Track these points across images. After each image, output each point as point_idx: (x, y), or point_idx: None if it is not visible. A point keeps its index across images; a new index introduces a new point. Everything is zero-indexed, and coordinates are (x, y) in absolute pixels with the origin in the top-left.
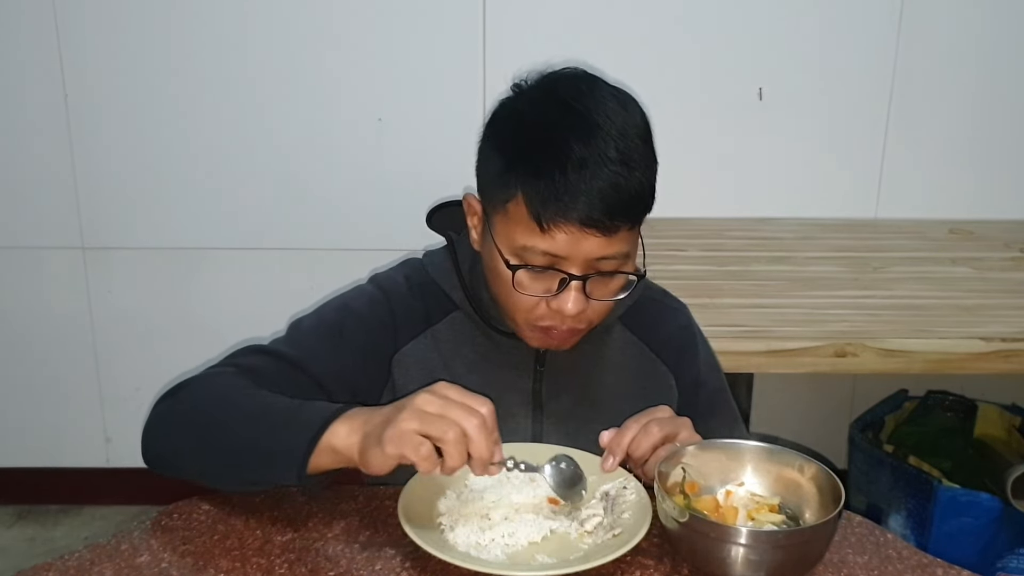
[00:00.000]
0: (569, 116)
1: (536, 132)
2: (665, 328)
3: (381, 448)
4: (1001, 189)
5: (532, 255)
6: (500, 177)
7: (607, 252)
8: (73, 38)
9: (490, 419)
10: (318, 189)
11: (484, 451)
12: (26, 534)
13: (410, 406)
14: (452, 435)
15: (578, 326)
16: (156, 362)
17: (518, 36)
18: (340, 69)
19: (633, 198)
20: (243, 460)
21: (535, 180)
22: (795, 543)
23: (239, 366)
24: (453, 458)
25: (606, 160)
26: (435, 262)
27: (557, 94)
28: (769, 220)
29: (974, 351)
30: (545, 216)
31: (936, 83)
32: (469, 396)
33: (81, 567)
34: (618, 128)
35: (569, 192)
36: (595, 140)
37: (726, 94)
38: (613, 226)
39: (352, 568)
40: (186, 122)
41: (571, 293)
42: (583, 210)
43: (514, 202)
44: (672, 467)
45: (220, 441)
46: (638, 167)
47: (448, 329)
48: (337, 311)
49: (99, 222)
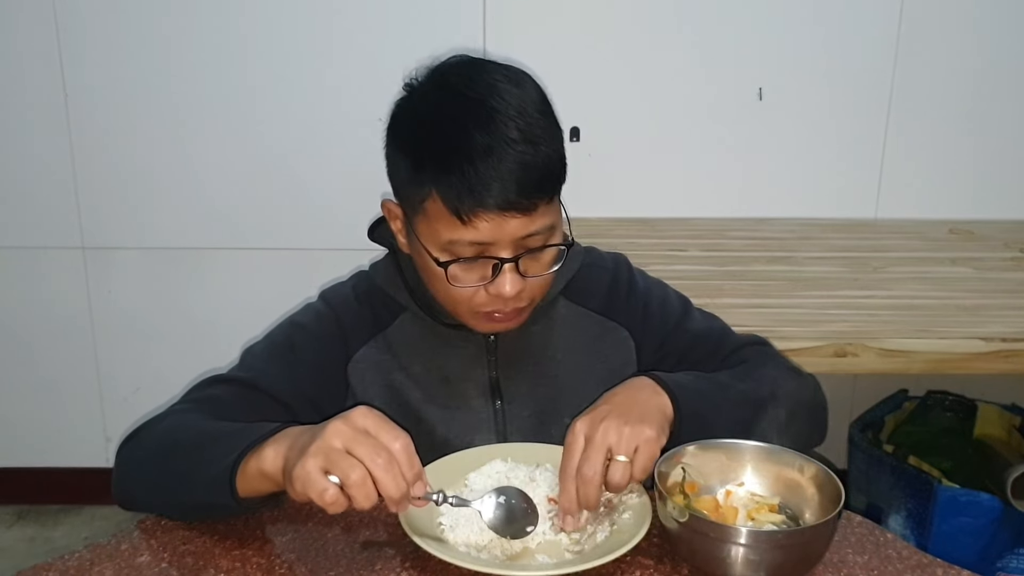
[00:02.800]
0: (465, 106)
1: (437, 128)
2: (602, 287)
3: (292, 487)
4: (1001, 189)
5: (460, 247)
6: (412, 179)
7: (531, 229)
8: (73, 38)
9: (403, 454)
10: (318, 189)
11: (392, 491)
12: (26, 534)
13: (320, 438)
14: (355, 477)
15: (520, 305)
16: (156, 362)
17: (518, 36)
18: (340, 69)
19: (544, 174)
20: (187, 489)
21: (446, 176)
22: (795, 543)
23: (197, 400)
24: (358, 501)
25: (509, 142)
26: (379, 269)
27: (449, 85)
28: (769, 220)
29: (974, 351)
30: (463, 209)
31: (936, 83)
32: (383, 429)
33: (81, 567)
34: (515, 108)
35: (481, 182)
36: (495, 125)
37: (726, 94)
38: (531, 204)
39: (352, 568)
40: (186, 122)
41: (506, 276)
42: (498, 195)
43: (431, 201)
44: (672, 467)
45: (168, 475)
46: (542, 141)
47: (399, 331)
48: (285, 329)
49: (99, 222)
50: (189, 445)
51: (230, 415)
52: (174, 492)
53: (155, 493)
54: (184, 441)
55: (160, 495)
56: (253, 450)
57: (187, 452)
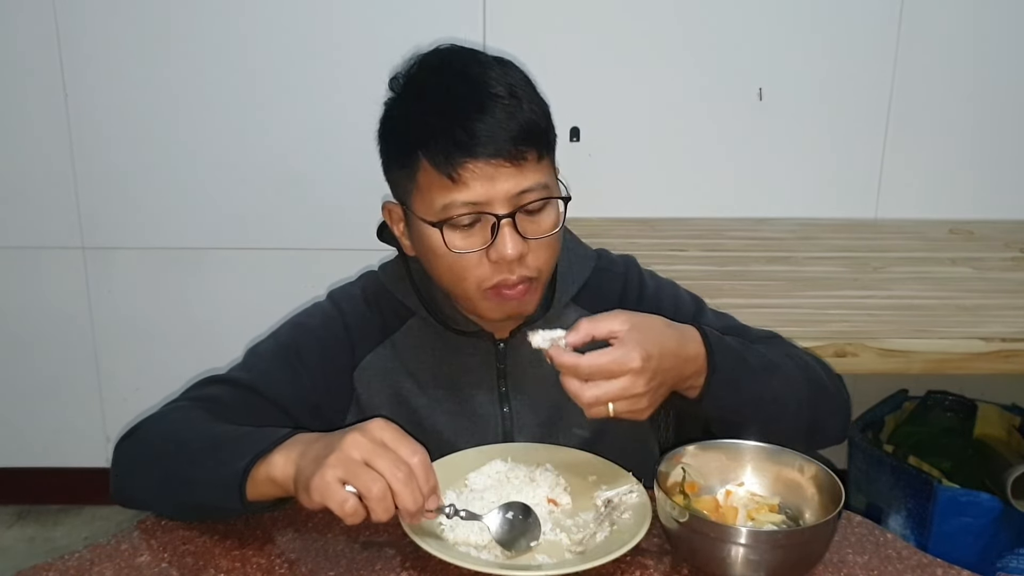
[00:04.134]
0: (445, 76)
1: (421, 103)
2: (614, 293)
3: (308, 495)
4: (1001, 189)
5: (455, 209)
6: (401, 156)
7: (524, 185)
8: (73, 38)
9: (421, 468)
10: (318, 189)
11: (410, 505)
12: (26, 534)
13: (338, 448)
14: (376, 490)
15: (526, 274)
16: (156, 362)
17: (518, 36)
18: (340, 69)
19: (529, 124)
20: (193, 490)
21: (432, 137)
22: (795, 543)
23: (196, 399)
24: (377, 514)
25: (494, 97)
26: (388, 271)
27: (429, 65)
28: (769, 220)
29: (974, 351)
30: (452, 165)
31: (936, 83)
32: (402, 442)
33: (81, 567)
34: (497, 72)
35: (467, 132)
36: (478, 84)
37: (726, 94)
38: (518, 152)
39: (352, 568)
40: (186, 122)
41: (505, 236)
42: (485, 143)
43: (421, 171)
44: (672, 467)
45: (171, 475)
46: (526, 99)
47: (406, 336)
48: (291, 332)
49: (99, 222)
50: (194, 447)
51: (227, 416)
52: (176, 493)
53: (156, 492)
54: (188, 442)
55: (161, 495)
56: (263, 456)
57: (192, 454)
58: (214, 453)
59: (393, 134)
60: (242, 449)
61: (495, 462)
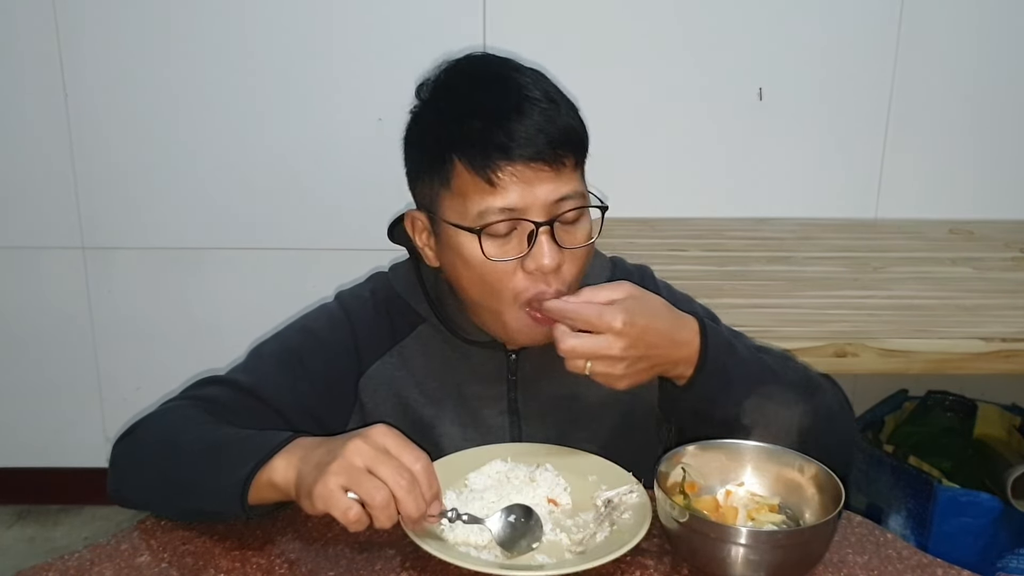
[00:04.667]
0: (481, 81)
1: (456, 105)
2: None
3: (311, 502)
4: (1001, 189)
5: (491, 215)
6: (433, 161)
7: (562, 192)
8: (73, 38)
9: (424, 475)
10: (318, 189)
11: (413, 512)
12: (26, 534)
13: (341, 456)
14: (380, 498)
15: (561, 287)
16: (156, 362)
17: (518, 36)
18: (340, 69)
19: (568, 129)
20: (193, 495)
21: (468, 140)
22: (795, 543)
23: (195, 398)
24: (381, 521)
25: (532, 100)
26: (399, 275)
27: (462, 71)
28: (769, 220)
29: (974, 351)
30: (490, 168)
31: (936, 83)
32: (405, 449)
33: (81, 567)
34: (530, 77)
35: (506, 133)
36: (514, 88)
37: (726, 94)
38: (556, 156)
39: (352, 568)
40: (186, 122)
41: (543, 244)
42: (524, 146)
43: (455, 174)
44: (672, 467)
45: (171, 477)
46: (563, 105)
47: (415, 343)
48: (297, 335)
49: (99, 222)
50: (193, 449)
51: (226, 418)
52: (175, 496)
53: (154, 494)
54: (187, 444)
55: (159, 496)
56: (265, 462)
57: (191, 457)
58: (214, 458)
59: (424, 139)
60: (243, 455)
61: (495, 462)
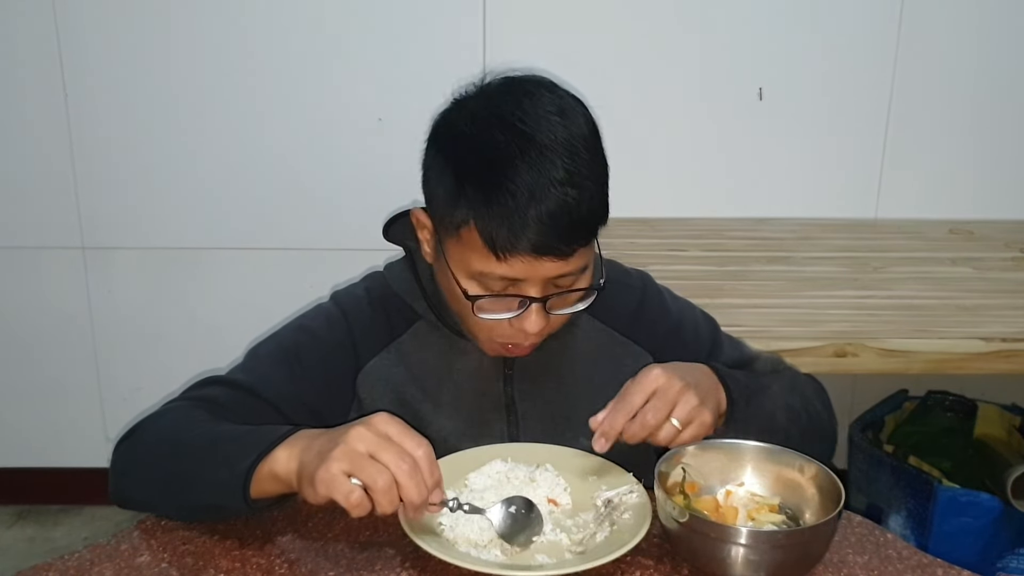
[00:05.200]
0: (513, 137)
1: (483, 156)
2: (628, 307)
3: (313, 488)
4: (1001, 189)
5: (490, 280)
6: (450, 200)
7: (565, 271)
8: (73, 38)
9: (425, 461)
10: (318, 189)
11: (415, 498)
12: (26, 534)
13: (343, 442)
14: (382, 482)
15: (539, 340)
16: (156, 362)
17: (518, 36)
18: (340, 69)
19: (585, 219)
20: (195, 490)
21: (486, 209)
22: (795, 543)
23: (195, 399)
24: (383, 506)
25: (554, 183)
26: (395, 273)
27: (499, 112)
28: (769, 220)
29: (974, 351)
30: (499, 245)
31: (936, 83)
32: (407, 435)
33: (81, 567)
34: (563, 145)
35: (521, 221)
36: (542, 163)
37: (726, 94)
38: (568, 250)
39: (352, 568)
40: (186, 122)
41: (532, 314)
42: (536, 238)
43: (466, 228)
44: (672, 467)
45: (172, 475)
46: (587, 182)
47: (412, 340)
48: (294, 334)
49: (99, 222)
50: (194, 446)
51: (226, 417)
52: (178, 493)
53: (156, 493)
54: (188, 442)
55: (162, 495)
56: (266, 454)
57: (193, 453)
58: (215, 453)
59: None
60: (244, 448)
61: (495, 462)
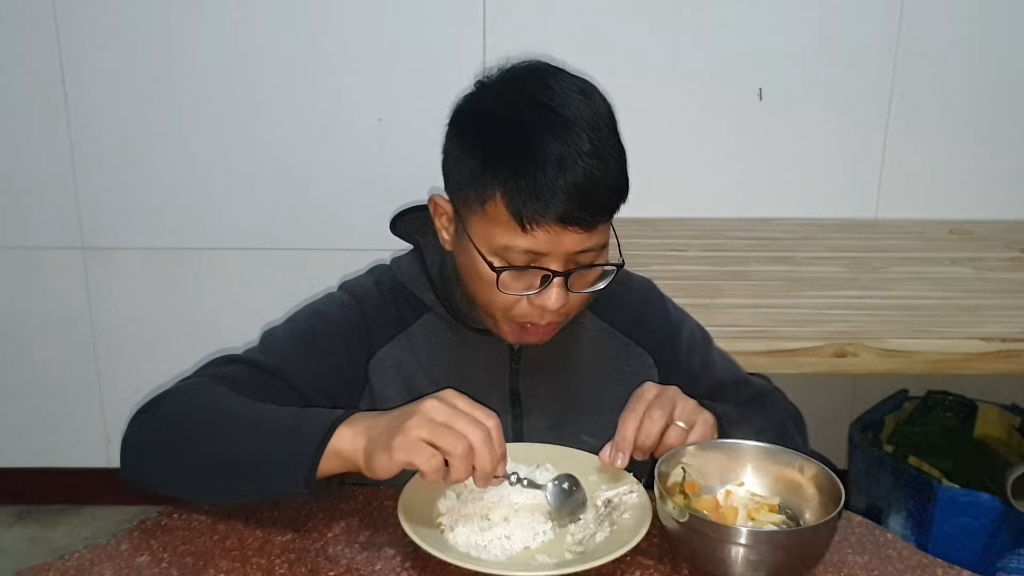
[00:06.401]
0: (541, 113)
1: (510, 131)
2: (633, 310)
3: (389, 454)
4: (1001, 189)
5: (513, 254)
6: (475, 178)
7: (586, 245)
8: (73, 38)
9: (496, 432)
10: (318, 189)
11: (488, 465)
12: (26, 534)
13: (419, 413)
14: (460, 449)
15: (557, 319)
16: (156, 362)
17: (519, 35)
18: (340, 69)
19: (611, 190)
20: (242, 470)
21: (515, 180)
22: (795, 543)
23: (216, 376)
24: (459, 472)
25: (581, 155)
26: (403, 266)
27: (525, 90)
28: (769, 220)
29: (974, 351)
30: (527, 215)
31: (936, 83)
32: (477, 408)
33: (81, 567)
34: (588, 121)
35: (549, 190)
36: (570, 136)
37: (726, 94)
38: (592, 220)
39: (352, 568)
40: (186, 122)
41: (554, 290)
42: (563, 207)
43: (492, 203)
44: (672, 467)
45: (213, 453)
46: (611, 158)
47: (422, 331)
48: (309, 318)
49: (99, 222)
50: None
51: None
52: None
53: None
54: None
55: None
56: (331, 433)
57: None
58: (272, 431)
59: (474, 145)
60: (303, 429)
61: None
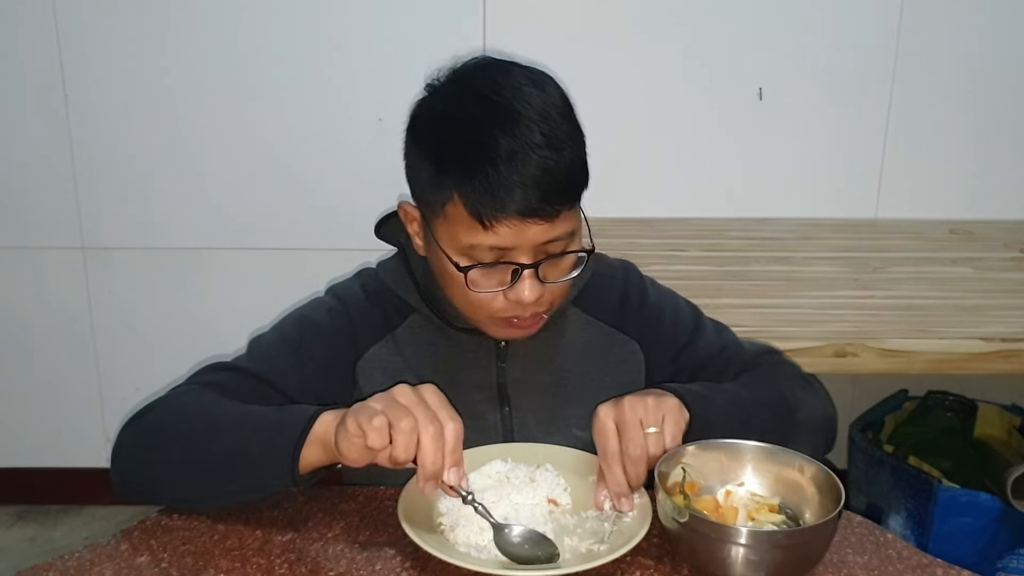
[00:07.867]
0: (489, 109)
1: (460, 130)
2: (613, 298)
3: (344, 426)
4: (1001, 189)
5: (480, 252)
6: (432, 181)
7: (552, 235)
8: (73, 38)
9: (452, 435)
10: (318, 189)
11: (428, 461)
12: (26, 534)
13: (387, 394)
14: (405, 424)
15: (539, 310)
16: (156, 362)
17: (518, 35)
18: (340, 69)
19: (567, 179)
20: (231, 467)
21: (468, 180)
22: (795, 543)
23: (206, 383)
24: (398, 447)
25: (533, 147)
26: (389, 269)
27: (473, 88)
28: (769, 220)
29: (974, 351)
30: (485, 213)
31: (936, 83)
32: (445, 408)
33: (81, 567)
34: (538, 112)
35: (504, 186)
36: (519, 128)
37: (726, 94)
38: (553, 211)
39: (352, 568)
40: (186, 122)
41: (526, 282)
42: (521, 202)
43: (451, 204)
44: (672, 467)
45: (203, 453)
46: (565, 146)
47: (408, 332)
48: (296, 323)
49: (99, 222)
50: (226, 424)
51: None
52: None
53: (174, 475)
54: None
55: (179, 477)
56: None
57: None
58: (256, 426)
59: (427, 150)
60: (291, 418)
61: (495, 462)
